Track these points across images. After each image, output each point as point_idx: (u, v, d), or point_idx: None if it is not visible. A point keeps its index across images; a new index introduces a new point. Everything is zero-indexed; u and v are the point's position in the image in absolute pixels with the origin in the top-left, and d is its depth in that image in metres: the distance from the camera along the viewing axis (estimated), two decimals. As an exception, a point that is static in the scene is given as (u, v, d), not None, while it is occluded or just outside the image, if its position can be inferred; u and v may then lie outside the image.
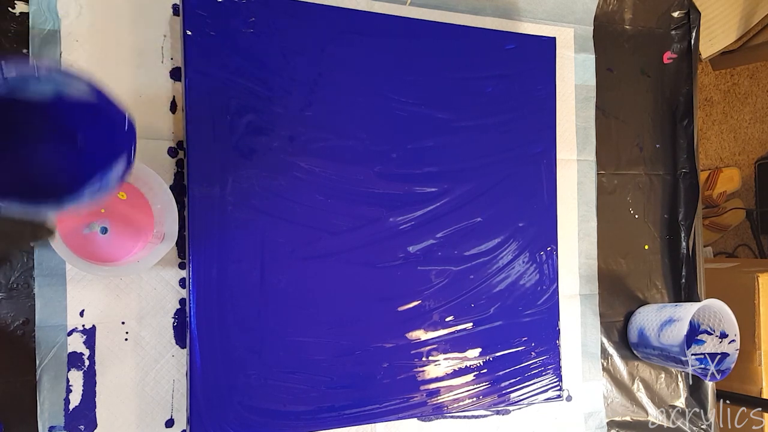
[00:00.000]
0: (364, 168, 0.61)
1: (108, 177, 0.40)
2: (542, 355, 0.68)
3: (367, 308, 0.61)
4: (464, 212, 0.65)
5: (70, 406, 0.53)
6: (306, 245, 0.59)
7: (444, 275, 0.64)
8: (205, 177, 0.55)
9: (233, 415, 0.55)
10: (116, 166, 0.40)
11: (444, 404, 0.64)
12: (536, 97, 0.69)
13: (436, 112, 0.64)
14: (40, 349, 0.52)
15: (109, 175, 0.40)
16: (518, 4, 0.73)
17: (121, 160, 0.40)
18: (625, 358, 0.78)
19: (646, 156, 0.81)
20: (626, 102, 0.80)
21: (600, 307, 0.76)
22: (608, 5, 0.79)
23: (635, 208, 0.80)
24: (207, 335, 0.55)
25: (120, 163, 0.40)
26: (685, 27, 0.83)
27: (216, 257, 0.55)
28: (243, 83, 0.57)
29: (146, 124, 0.57)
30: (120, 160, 0.40)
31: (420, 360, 0.63)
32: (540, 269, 0.69)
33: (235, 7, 0.56)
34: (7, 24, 0.53)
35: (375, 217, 0.61)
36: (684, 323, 0.69)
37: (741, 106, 1.75)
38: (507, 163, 0.67)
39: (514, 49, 0.68)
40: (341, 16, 0.61)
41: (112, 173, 0.40)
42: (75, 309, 0.53)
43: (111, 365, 0.54)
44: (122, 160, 0.40)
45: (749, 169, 1.76)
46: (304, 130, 0.59)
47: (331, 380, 0.59)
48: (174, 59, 0.58)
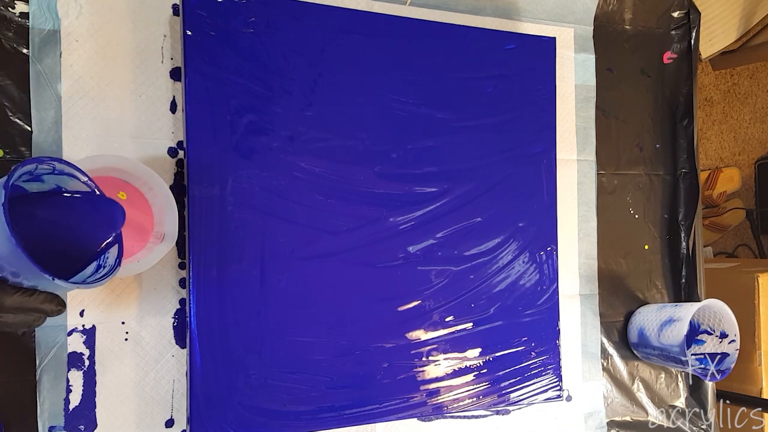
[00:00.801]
0: (364, 168, 0.61)
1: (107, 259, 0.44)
2: (542, 355, 0.68)
3: (367, 308, 0.61)
4: (464, 212, 0.65)
5: (70, 406, 0.53)
6: (306, 245, 0.59)
7: (444, 275, 0.64)
8: (205, 177, 0.55)
9: (233, 415, 0.55)
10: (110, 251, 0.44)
11: (444, 404, 0.64)
12: (536, 97, 0.69)
13: (436, 112, 0.64)
14: (40, 349, 0.52)
15: (106, 257, 0.44)
16: (518, 4, 0.73)
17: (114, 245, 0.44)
18: (625, 358, 0.78)
19: (646, 156, 0.81)
20: (626, 102, 0.80)
21: (600, 307, 0.76)
22: (608, 5, 0.79)
23: (635, 208, 0.80)
24: (207, 335, 0.55)
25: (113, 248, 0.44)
26: (685, 27, 0.83)
27: (216, 257, 0.55)
28: (243, 83, 0.57)
29: (146, 124, 0.57)
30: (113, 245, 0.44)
31: (420, 360, 0.63)
32: (540, 269, 0.69)
33: (235, 7, 0.56)
34: (7, 24, 0.53)
35: (375, 217, 0.61)
36: (684, 323, 0.69)
37: (741, 106, 1.75)
38: (507, 163, 0.67)
39: (514, 49, 0.68)
40: (341, 16, 0.61)
41: (111, 253, 0.44)
42: (75, 309, 0.53)
43: (111, 365, 0.54)
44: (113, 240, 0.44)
45: (749, 169, 1.76)
46: (304, 130, 0.59)
47: (331, 380, 0.59)
48: (174, 59, 0.58)
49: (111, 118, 0.55)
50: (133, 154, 0.56)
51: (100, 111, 0.55)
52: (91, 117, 0.54)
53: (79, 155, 0.54)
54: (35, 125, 0.53)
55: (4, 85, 0.53)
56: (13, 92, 0.53)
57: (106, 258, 0.44)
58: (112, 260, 0.44)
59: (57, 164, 0.41)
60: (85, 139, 0.54)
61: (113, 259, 0.44)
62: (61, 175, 0.42)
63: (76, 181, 0.43)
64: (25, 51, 0.53)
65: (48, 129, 0.53)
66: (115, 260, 0.44)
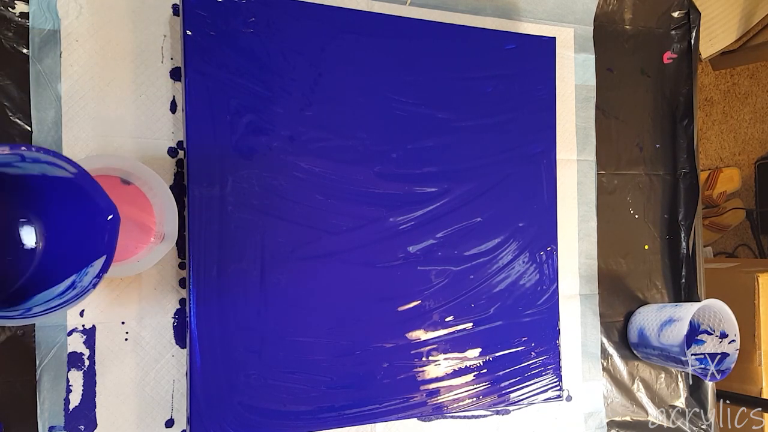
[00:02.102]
0: (364, 168, 0.61)
1: (85, 276, 0.36)
2: (542, 355, 0.68)
3: (367, 308, 0.61)
4: (464, 212, 0.65)
5: (70, 406, 0.53)
6: (306, 245, 0.59)
7: (444, 275, 0.64)
8: (205, 177, 0.55)
9: (233, 415, 0.55)
10: (95, 264, 0.36)
11: (444, 404, 0.64)
12: (536, 97, 0.69)
13: (436, 112, 0.64)
14: (40, 349, 0.52)
15: (86, 273, 0.36)
16: (518, 4, 0.73)
17: (100, 259, 0.36)
18: (625, 358, 0.78)
19: (646, 156, 0.81)
20: (626, 102, 0.80)
21: (600, 307, 0.76)
22: (608, 5, 0.79)
23: (635, 208, 0.80)
24: (207, 335, 0.55)
25: (99, 261, 0.36)
26: (685, 27, 0.83)
27: (216, 257, 0.55)
28: (243, 83, 0.57)
29: (146, 124, 0.57)
30: (99, 258, 0.36)
31: (420, 360, 0.63)
32: (540, 269, 0.69)
33: (235, 7, 0.56)
34: (7, 24, 0.53)
35: (375, 217, 0.61)
36: (684, 323, 0.69)
37: (741, 106, 1.75)
38: (507, 163, 0.67)
39: (514, 49, 0.68)
40: (341, 16, 0.61)
41: (90, 271, 0.36)
42: (75, 309, 0.53)
43: (111, 365, 0.54)
44: (101, 258, 0.36)
45: (749, 169, 1.76)
46: (304, 130, 0.59)
47: (331, 380, 0.59)
48: (174, 59, 0.58)
49: (111, 118, 0.55)
50: (133, 154, 0.56)
51: (100, 111, 0.55)
52: (91, 117, 0.54)
53: (79, 155, 0.54)
54: (35, 125, 0.53)
55: (4, 85, 0.53)
56: (13, 92, 0.53)
57: (85, 274, 0.37)
58: (88, 280, 0.36)
59: (27, 152, 0.35)
60: (85, 139, 0.54)
61: (90, 278, 0.36)
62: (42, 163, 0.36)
63: (61, 170, 0.37)
64: (25, 51, 0.53)
65: (48, 129, 0.53)
66: (91, 280, 0.36)
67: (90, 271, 0.37)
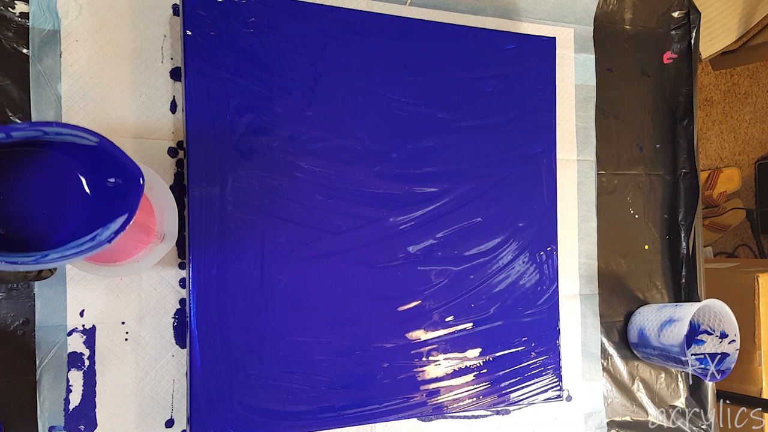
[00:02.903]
0: (364, 168, 0.61)
1: (105, 231, 0.38)
2: (542, 355, 0.68)
3: (367, 308, 0.61)
4: (464, 212, 0.65)
5: (70, 406, 0.53)
6: (306, 245, 0.59)
7: (444, 275, 0.64)
8: (205, 177, 0.55)
9: (233, 415, 0.55)
10: (117, 220, 0.38)
11: (444, 404, 0.64)
12: (536, 97, 0.69)
13: (436, 112, 0.64)
14: (40, 349, 0.52)
15: (107, 228, 0.38)
16: (518, 4, 0.73)
17: (122, 217, 0.38)
18: (625, 358, 0.78)
19: (646, 156, 0.81)
20: (626, 102, 0.80)
21: (600, 307, 0.76)
22: (608, 5, 0.79)
23: (635, 208, 0.80)
24: (207, 335, 0.55)
25: (120, 218, 0.38)
26: (685, 27, 0.83)
27: (216, 257, 0.55)
28: (243, 83, 0.57)
29: (146, 124, 0.57)
30: (120, 216, 0.38)
31: (420, 360, 0.63)
32: (540, 269, 0.69)
33: (235, 7, 0.56)
34: (7, 24, 0.53)
35: (375, 217, 0.61)
36: (684, 323, 0.69)
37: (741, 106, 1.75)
38: (507, 163, 0.67)
39: (515, 49, 0.68)
40: (341, 16, 0.61)
41: (111, 227, 0.38)
42: (75, 309, 0.53)
43: (111, 365, 0.54)
44: (123, 216, 0.38)
45: (749, 169, 1.76)
46: (304, 130, 0.59)
47: (331, 380, 0.59)
48: (174, 59, 0.58)
49: (111, 118, 0.55)
50: (133, 154, 0.56)
51: (100, 111, 0.55)
52: (91, 117, 0.54)
53: (79, 155, 0.54)
54: (35, 125, 0.53)
55: (4, 85, 0.53)
56: (13, 92, 0.53)
57: (106, 229, 0.38)
58: (106, 235, 0.37)
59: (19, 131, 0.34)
60: (85, 139, 0.54)
61: (109, 233, 0.37)
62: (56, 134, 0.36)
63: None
64: (25, 51, 0.53)
65: (48, 129, 0.53)
66: (108, 235, 0.37)
67: (111, 227, 0.38)
